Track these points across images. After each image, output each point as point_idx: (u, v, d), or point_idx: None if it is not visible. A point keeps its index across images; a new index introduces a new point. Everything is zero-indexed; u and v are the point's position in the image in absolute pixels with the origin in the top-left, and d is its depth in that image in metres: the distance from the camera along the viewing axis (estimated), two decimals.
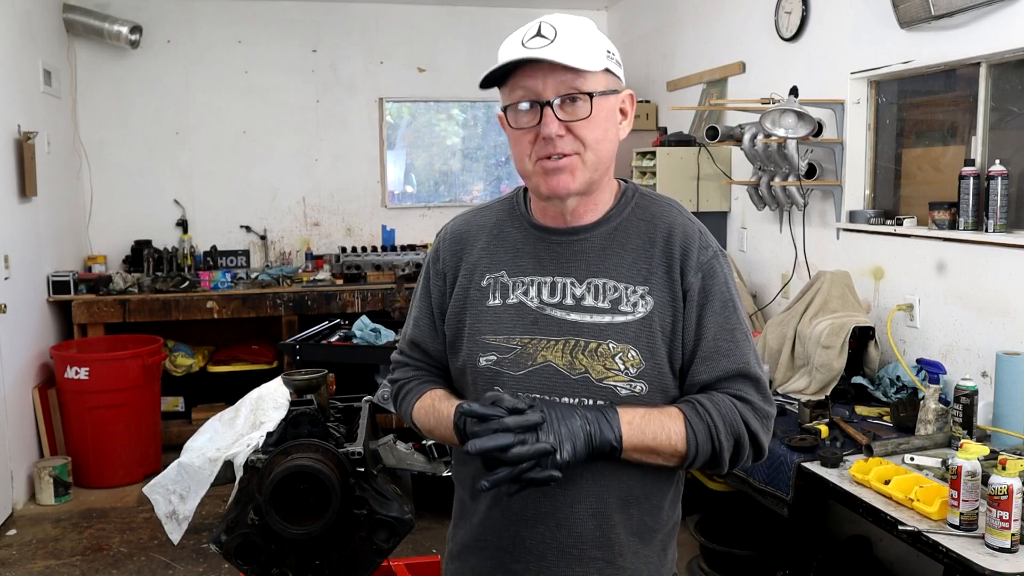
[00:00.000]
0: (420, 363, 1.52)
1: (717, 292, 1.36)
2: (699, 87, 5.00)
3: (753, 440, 1.34)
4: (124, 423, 4.71)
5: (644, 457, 1.30)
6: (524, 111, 1.31)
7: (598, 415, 1.27)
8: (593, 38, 1.31)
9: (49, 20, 5.17)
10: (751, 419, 1.33)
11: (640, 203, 1.42)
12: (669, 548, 1.46)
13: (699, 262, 1.36)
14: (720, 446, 1.31)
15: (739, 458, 1.35)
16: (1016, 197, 2.94)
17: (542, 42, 1.27)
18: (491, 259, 1.43)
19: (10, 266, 4.32)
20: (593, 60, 1.29)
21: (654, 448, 1.29)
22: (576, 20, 1.32)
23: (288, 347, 4.12)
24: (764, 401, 1.36)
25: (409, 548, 3.63)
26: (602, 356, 1.33)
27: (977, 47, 2.96)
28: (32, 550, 3.91)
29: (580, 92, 1.28)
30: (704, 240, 1.39)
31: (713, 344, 1.34)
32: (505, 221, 1.45)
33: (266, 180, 5.99)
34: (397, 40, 6.13)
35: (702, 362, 1.35)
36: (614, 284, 1.36)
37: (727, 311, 1.36)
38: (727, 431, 1.31)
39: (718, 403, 1.32)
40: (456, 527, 1.52)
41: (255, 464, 2.19)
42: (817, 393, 3.18)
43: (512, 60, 1.28)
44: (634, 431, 1.27)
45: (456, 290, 1.44)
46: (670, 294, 1.35)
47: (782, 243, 4.17)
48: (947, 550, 1.99)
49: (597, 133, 1.31)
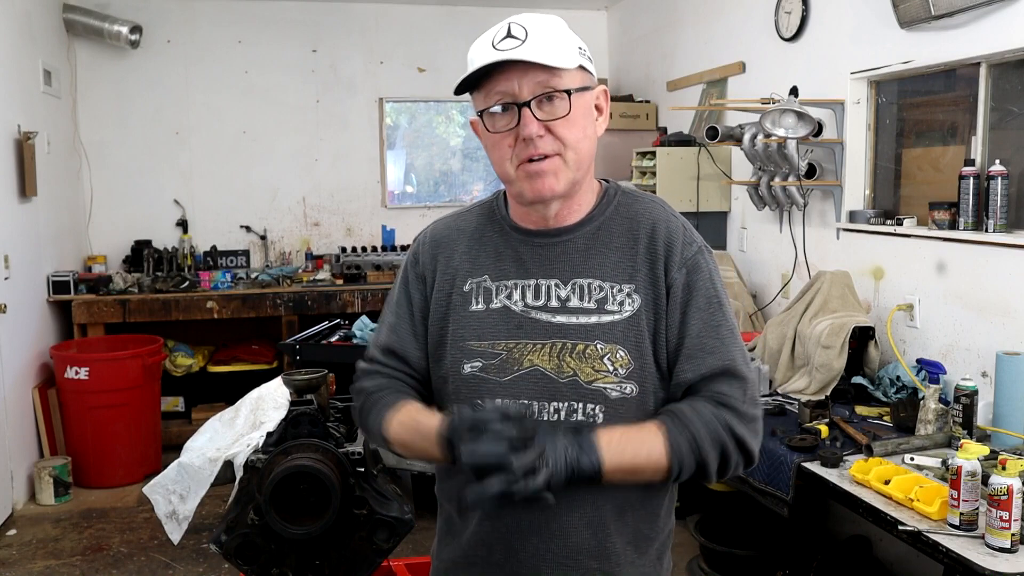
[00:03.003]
0: (395, 371, 1.43)
1: (702, 288, 1.32)
2: (699, 87, 5.00)
3: (741, 447, 1.29)
4: (124, 423, 4.71)
5: (627, 477, 1.26)
6: (501, 114, 1.29)
7: (578, 439, 1.21)
8: (564, 35, 1.29)
9: (49, 20, 5.17)
10: (736, 425, 1.28)
11: (623, 201, 1.39)
12: (664, 557, 1.43)
13: (683, 258, 1.33)
14: (705, 458, 1.26)
15: (727, 467, 1.30)
16: (1016, 197, 2.94)
17: (513, 43, 1.25)
18: (473, 263, 1.39)
19: (10, 266, 4.32)
20: (567, 57, 1.27)
21: (635, 468, 1.25)
22: (545, 18, 1.30)
23: (288, 347, 4.12)
24: (749, 404, 1.30)
25: (409, 548, 3.63)
26: (590, 358, 1.30)
27: (977, 47, 2.96)
28: (32, 550, 3.91)
29: (557, 90, 1.26)
30: (688, 236, 1.36)
31: (698, 341, 1.30)
32: (485, 225, 1.42)
33: (266, 180, 5.98)
34: (397, 40, 6.13)
35: (687, 360, 1.31)
36: (599, 284, 1.33)
37: (712, 308, 1.32)
38: (711, 441, 1.26)
39: (700, 412, 1.27)
40: (441, 543, 1.47)
41: (255, 464, 2.19)
42: (817, 393, 3.18)
43: (486, 64, 1.26)
44: (613, 454, 1.22)
45: (436, 295, 1.40)
46: (654, 292, 1.32)
47: (782, 243, 4.17)
48: (947, 550, 1.99)
49: (576, 131, 1.28)
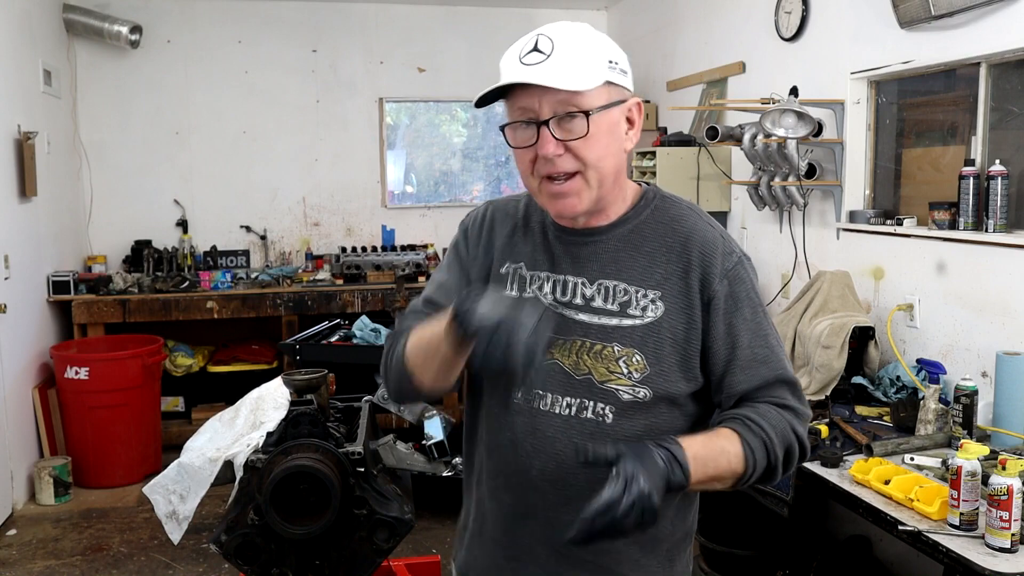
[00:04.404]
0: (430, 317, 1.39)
1: (745, 298, 1.34)
2: (699, 87, 5.00)
3: (801, 445, 1.33)
4: (124, 423, 4.71)
5: (704, 486, 1.28)
6: (523, 129, 1.29)
7: (667, 454, 1.21)
8: (593, 50, 1.27)
9: (49, 20, 5.17)
10: (796, 425, 1.32)
11: (660, 206, 1.38)
12: (677, 559, 1.42)
13: (724, 269, 1.33)
14: (776, 459, 1.30)
15: (790, 466, 1.34)
16: (1016, 197, 2.94)
17: (539, 57, 1.25)
18: (513, 249, 1.42)
19: (10, 266, 4.32)
20: (590, 76, 1.25)
21: (716, 476, 1.27)
22: (576, 31, 1.28)
23: (288, 347, 4.12)
24: (802, 404, 1.36)
25: (409, 548, 3.63)
26: (606, 359, 1.31)
27: (977, 47, 2.96)
28: (32, 550, 3.91)
29: (578, 110, 1.25)
30: (727, 246, 1.36)
31: (750, 352, 1.33)
32: (531, 215, 1.44)
33: (266, 180, 5.98)
34: (397, 40, 6.12)
35: (741, 371, 1.33)
36: (624, 287, 1.33)
37: (757, 317, 1.35)
38: (780, 442, 1.30)
39: (766, 415, 1.30)
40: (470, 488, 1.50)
41: (255, 464, 2.19)
42: (817, 393, 3.18)
43: (504, 84, 1.26)
44: (699, 465, 1.23)
45: (479, 271, 1.43)
46: (685, 300, 1.32)
47: (782, 243, 4.17)
48: (947, 550, 1.99)
49: (597, 150, 1.27)
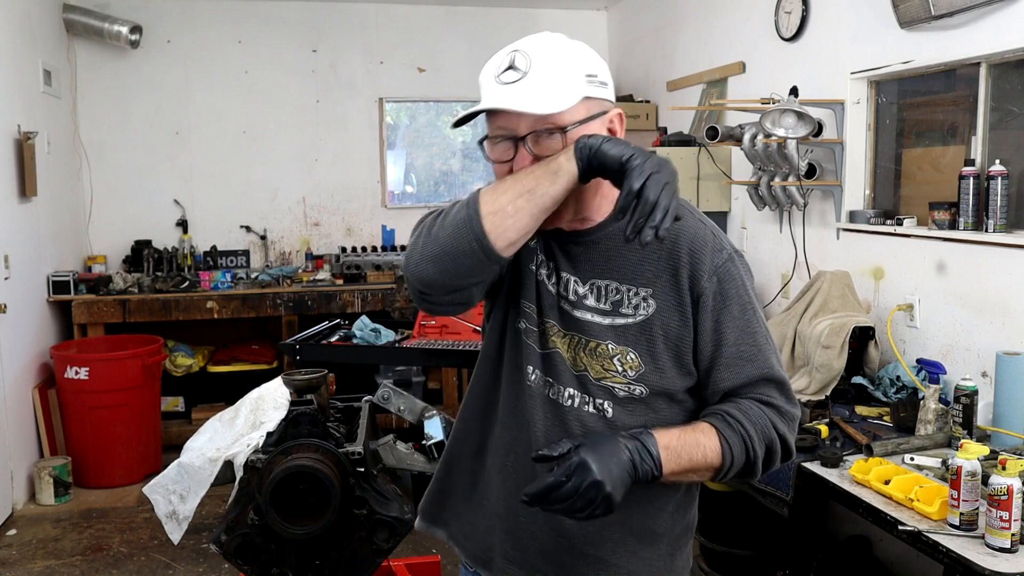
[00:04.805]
0: None
1: (734, 295, 1.34)
2: (699, 87, 5.00)
3: (784, 444, 1.34)
4: (124, 423, 4.72)
5: (680, 478, 1.30)
6: (500, 144, 1.29)
7: (637, 444, 1.24)
8: (570, 65, 1.27)
9: (49, 20, 5.17)
10: (779, 423, 1.33)
11: None
12: (678, 553, 1.44)
13: (713, 266, 1.34)
14: (754, 455, 1.31)
15: (771, 463, 1.35)
16: (1016, 197, 2.94)
17: (515, 75, 1.25)
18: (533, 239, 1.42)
19: (10, 266, 4.32)
20: (567, 95, 1.25)
21: (691, 468, 1.29)
22: (552, 46, 1.27)
23: (288, 347, 4.11)
24: (789, 403, 1.36)
25: (409, 548, 3.63)
26: (601, 356, 1.33)
27: (977, 47, 2.96)
28: (32, 550, 3.91)
29: (555, 127, 1.25)
30: (717, 243, 1.36)
31: (735, 350, 1.33)
32: None
33: (266, 180, 5.98)
34: (397, 40, 6.13)
35: (725, 368, 1.33)
36: (616, 286, 1.34)
37: (746, 314, 1.34)
38: (760, 439, 1.31)
39: (747, 411, 1.31)
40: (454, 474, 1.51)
41: (255, 464, 2.19)
42: (817, 393, 3.18)
43: (481, 108, 1.27)
44: (671, 455, 1.26)
45: None
46: (676, 298, 1.33)
47: (782, 243, 4.17)
48: (947, 550, 1.99)
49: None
